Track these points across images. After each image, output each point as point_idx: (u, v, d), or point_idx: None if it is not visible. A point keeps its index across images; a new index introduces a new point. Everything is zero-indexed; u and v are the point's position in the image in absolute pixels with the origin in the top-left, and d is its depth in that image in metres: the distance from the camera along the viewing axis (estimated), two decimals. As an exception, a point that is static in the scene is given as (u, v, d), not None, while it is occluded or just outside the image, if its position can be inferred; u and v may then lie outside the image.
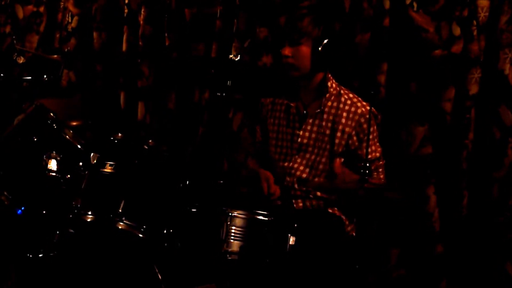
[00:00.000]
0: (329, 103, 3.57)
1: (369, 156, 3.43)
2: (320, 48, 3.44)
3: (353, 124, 3.53)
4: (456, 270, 4.00)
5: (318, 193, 3.57)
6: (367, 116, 3.49)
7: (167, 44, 4.68)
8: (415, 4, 4.04)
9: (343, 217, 3.56)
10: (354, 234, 3.61)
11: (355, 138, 3.53)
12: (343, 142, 3.54)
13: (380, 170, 3.58)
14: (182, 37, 4.66)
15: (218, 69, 4.22)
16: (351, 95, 3.60)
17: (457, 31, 3.98)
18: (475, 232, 3.96)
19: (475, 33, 3.93)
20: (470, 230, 3.97)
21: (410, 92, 4.08)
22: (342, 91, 3.60)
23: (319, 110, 3.57)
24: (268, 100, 3.76)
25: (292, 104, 3.63)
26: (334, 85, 3.60)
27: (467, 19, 3.95)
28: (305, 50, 3.46)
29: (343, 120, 3.54)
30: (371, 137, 3.47)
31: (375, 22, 4.10)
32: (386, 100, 4.09)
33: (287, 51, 3.47)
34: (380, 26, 4.09)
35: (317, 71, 3.53)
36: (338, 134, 3.54)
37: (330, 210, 3.57)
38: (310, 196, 3.58)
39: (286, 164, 3.62)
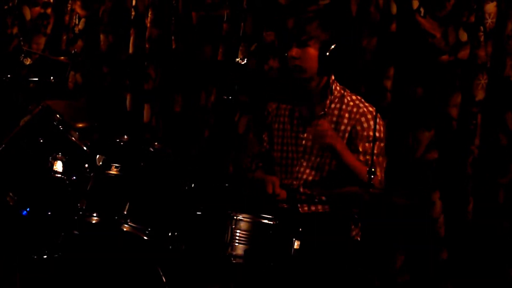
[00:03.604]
0: (333, 105, 3.57)
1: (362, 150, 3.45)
2: (327, 53, 3.44)
3: (354, 123, 3.53)
4: (461, 276, 3.99)
5: (323, 197, 3.56)
6: (368, 116, 3.50)
7: (173, 47, 4.68)
8: (422, 9, 4.04)
9: (348, 222, 3.55)
10: (359, 238, 3.60)
11: (354, 136, 3.52)
12: (345, 142, 3.53)
13: (378, 168, 3.55)
14: (189, 40, 4.66)
15: (225, 72, 4.23)
16: (354, 97, 3.60)
17: (464, 36, 3.98)
18: (480, 238, 3.95)
19: (482, 39, 3.92)
20: (475, 236, 3.96)
21: (416, 97, 4.08)
22: (345, 93, 3.60)
23: (323, 113, 3.57)
24: (273, 106, 3.76)
25: (295, 108, 3.63)
26: (338, 88, 3.60)
27: (474, 25, 3.95)
28: (312, 52, 3.46)
29: (345, 121, 3.55)
30: (369, 133, 3.47)
31: (382, 26, 4.10)
32: (392, 105, 4.10)
33: (294, 52, 3.47)
34: (387, 31, 4.09)
35: (323, 74, 3.53)
36: (340, 135, 3.54)
37: (335, 214, 3.56)
38: (316, 200, 3.57)
39: (292, 168, 3.62)
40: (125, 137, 3.54)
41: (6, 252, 3.63)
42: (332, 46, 3.44)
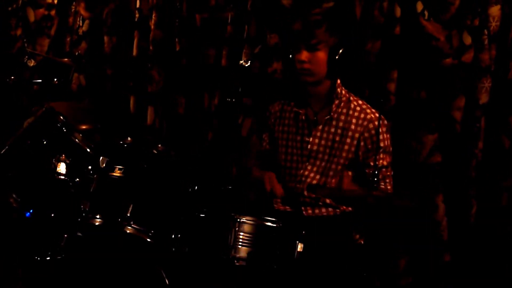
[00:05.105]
0: (339, 110, 3.56)
1: (376, 164, 3.42)
2: (337, 57, 3.42)
3: (362, 130, 3.52)
4: (464, 279, 3.99)
5: (327, 200, 3.56)
6: (376, 122, 3.48)
7: (177, 49, 4.68)
8: (426, 13, 4.04)
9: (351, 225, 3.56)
10: (362, 242, 3.60)
11: (362, 143, 3.52)
12: (353, 149, 3.53)
13: (388, 180, 3.56)
14: (193, 42, 4.67)
15: (228, 75, 4.23)
16: (360, 102, 3.59)
17: (468, 40, 3.98)
18: (483, 241, 3.95)
19: (486, 42, 3.93)
20: (478, 239, 3.96)
21: (420, 101, 4.08)
22: (351, 98, 3.59)
23: (328, 117, 3.55)
24: (276, 108, 3.74)
25: (301, 111, 3.62)
26: (343, 92, 3.58)
27: (478, 28, 3.95)
28: (322, 56, 3.42)
29: (353, 127, 3.53)
30: (380, 145, 3.47)
31: (386, 29, 4.11)
32: (396, 108, 4.09)
33: (304, 56, 3.43)
34: (391, 34, 4.09)
35: (329, 78, 3.51)
36: (348, 140, 3.53)
37: (338, 217, 3.56)
38: (320, 203, 3.57)
39: (296, 171, 3.62)
40: (129, 139, 3.55)
41: (9, 253, 3.64)
42: (341, 50, 3.42)
